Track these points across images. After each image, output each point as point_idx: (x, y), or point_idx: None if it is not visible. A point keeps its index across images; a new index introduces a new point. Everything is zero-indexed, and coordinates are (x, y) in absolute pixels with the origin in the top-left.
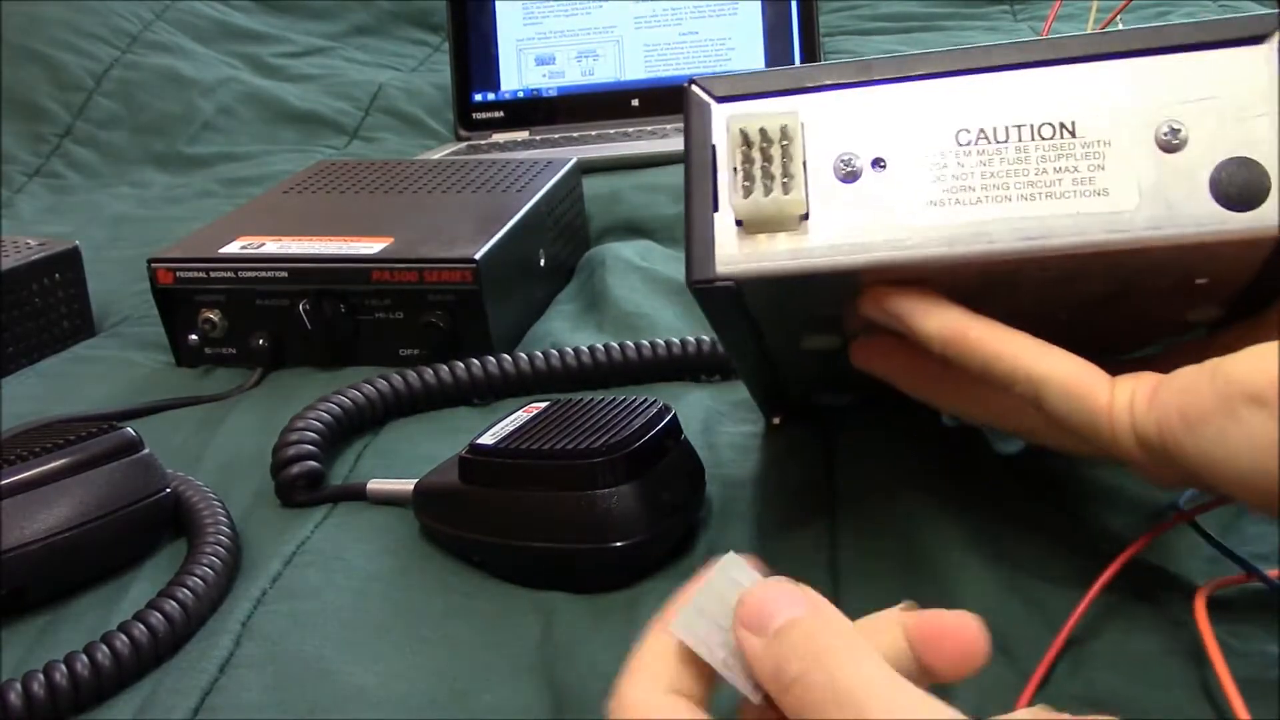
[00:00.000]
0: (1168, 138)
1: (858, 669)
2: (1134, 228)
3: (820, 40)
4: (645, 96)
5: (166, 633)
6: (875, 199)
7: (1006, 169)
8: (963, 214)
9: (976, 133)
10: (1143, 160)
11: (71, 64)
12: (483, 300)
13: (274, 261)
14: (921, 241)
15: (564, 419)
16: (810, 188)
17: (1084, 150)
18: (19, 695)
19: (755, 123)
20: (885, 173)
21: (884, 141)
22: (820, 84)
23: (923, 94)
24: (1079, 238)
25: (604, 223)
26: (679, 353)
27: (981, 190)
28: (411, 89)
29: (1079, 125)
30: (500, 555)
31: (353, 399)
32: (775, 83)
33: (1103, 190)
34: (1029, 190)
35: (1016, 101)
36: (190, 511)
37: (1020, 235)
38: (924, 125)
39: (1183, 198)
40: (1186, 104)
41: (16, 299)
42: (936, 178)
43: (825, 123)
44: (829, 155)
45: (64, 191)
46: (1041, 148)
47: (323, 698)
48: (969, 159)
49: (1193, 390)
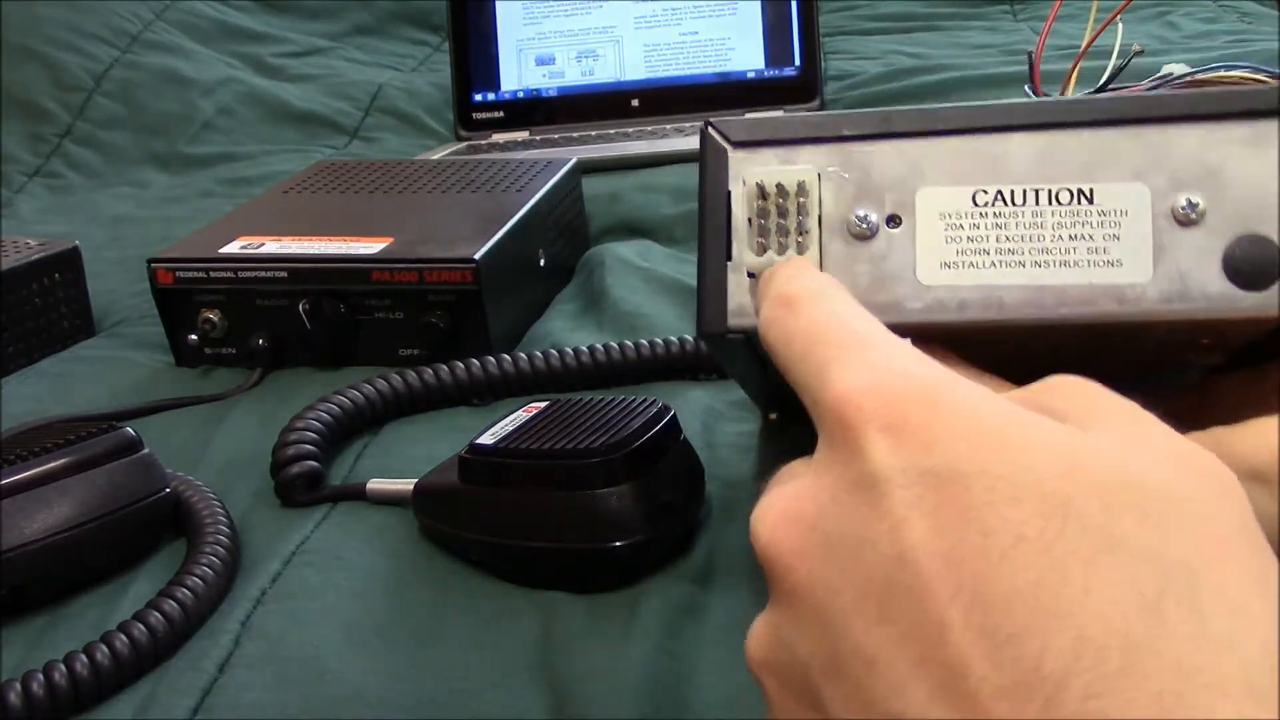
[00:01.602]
0: (1185, 211)
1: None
2: (1145, 301)
3: (820, 40)
4: (645, 96)
5: (166, 633)
6: (888, 258)
7: (1022, 233)
8: (975, 277)
9: (994, 194)
10: (1158, 233)
11: (71, 64)
12: (482, 300)
13: (274, 261)
14: (932, 304)
15: (564, 419)
16: (824, 243)
17: (1100, 219)
18: (19, 695)
19: (773, 178)
20: (899, 231)
21: (900, 199)
22: (838, 134)
23: (941, 150)
24: (1090, 309)
25: (604, 223)
26: (679, 352)
27: (995, 254)
28: (411, 89)
29: (1097, 193)
30: (500, 555)
31: (352, 399)
32: (793, 130)
33: (1116, 261)
34: (1043, 257)
35: (1036, 164)
36: (190, 511)
37: (1031, 304)
38: (941, 184)
39: (1195, 273)
40: (1205, 176)
41: (16, 299)
42: (950, 239)
43: (842, 176)
44: (844, 211)
45: (64, 191)
46: (1058, 213)
47: (322, 698)
48: (984, 221)
49: None
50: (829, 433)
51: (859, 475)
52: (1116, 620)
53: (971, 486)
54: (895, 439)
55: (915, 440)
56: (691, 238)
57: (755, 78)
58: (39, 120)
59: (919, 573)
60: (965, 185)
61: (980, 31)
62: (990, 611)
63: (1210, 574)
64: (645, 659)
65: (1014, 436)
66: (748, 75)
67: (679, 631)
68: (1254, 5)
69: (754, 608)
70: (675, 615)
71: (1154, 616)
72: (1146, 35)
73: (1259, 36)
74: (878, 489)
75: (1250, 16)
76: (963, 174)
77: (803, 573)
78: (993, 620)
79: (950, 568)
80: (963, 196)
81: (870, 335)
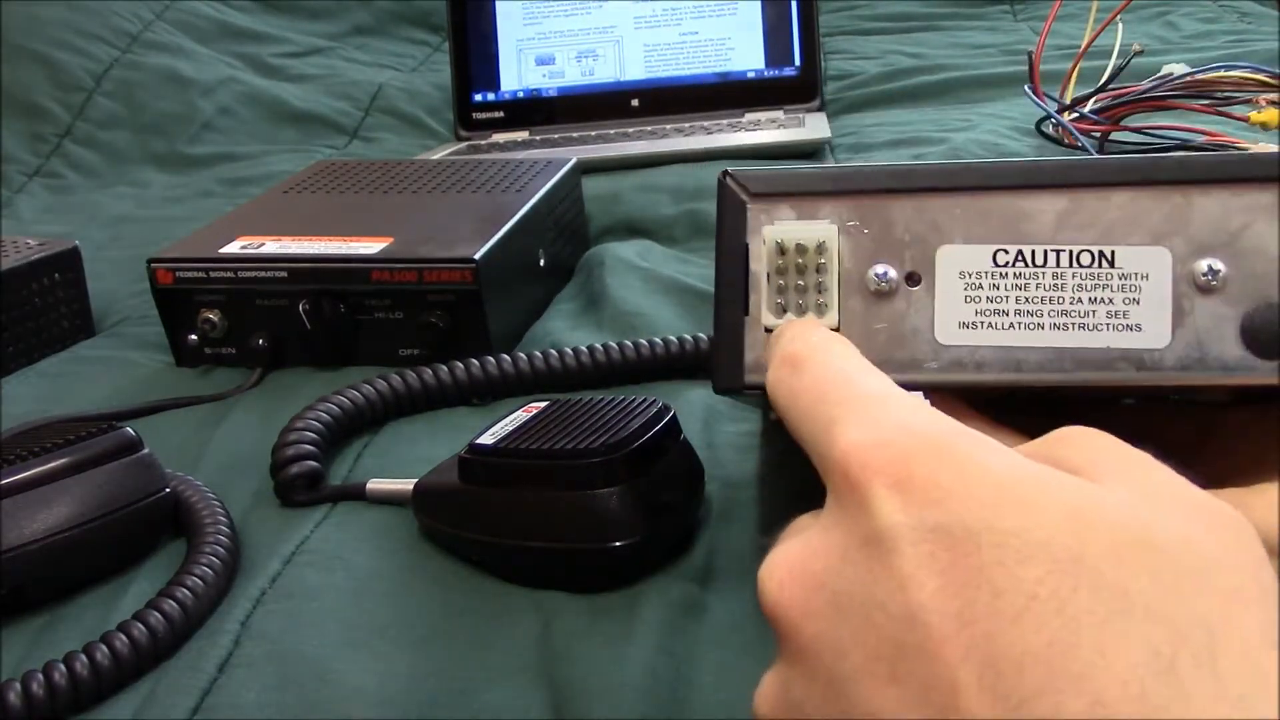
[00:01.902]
0: (1206, 278)
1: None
2: (1163, 368)
3: (820, 41)
4: (645, 96)
5: (166, 633)
6: (907, 316)
7: (1042, 295)
8: (994, 338)
9: (1014, 254)
10: (1178, 297)
11: (71, 64)
12: (482, 300)
13: (274, 261)
14: (949, 364)
15: (564, 419)
16: (843, 300)
17: (1121, 282)
18: (18, 695)
19: (792, 236)
20: (919, 289)
21: (919, 256)
22: (858, 189)
23: (962, 208)
24: (1108, 374)
25: (604, 223)
26: (678, 352)
27: (1015, 315)
28: (411, 89)
29: (1119, 255)
30: (500, 555)
31: (352, 399)
32: (812, 183)
33: (1135, 325)
34: (1062, 319)
35: (1058, 224)
36: (190, 511)
37: (1049, 367)
38: (962, 242)
39: (1214, 340)
40: (1227, 241)
41: (16, 299)
42: (970, 298)
43: (861, 231)
44: (863, 268)
45: (64, 191)
46: (1079, 275)
47: (322, 698)
48: (1004, 281)
49: None
50: (836, 489)
51: (867, 533)
52: (1132, 683)
53: (981, 544)
54: (903, 495)
55: (923, 497)
56: (691, 237)
57: (755, 78)
58: (39, 120)
59: (929, 633)
60: (986, 244)
61: (980, 31)
62: (1003, 674)
63: (1227, 631)
64: (645, 659)
65: (1024, 492)
66: (748, 75)
67: (679, 631)
68: (1254, 5)
69: (754, 608)
70: (675, 615)
71: (1170, 678)
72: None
73: (1259, 36)
74: (886, 546)
75: (1250, 16)
76: (983, 233)
77: (811, 632)
78: (1006, 683)
79: (961, 628)
80: (983, 256)
81: (876, 391)
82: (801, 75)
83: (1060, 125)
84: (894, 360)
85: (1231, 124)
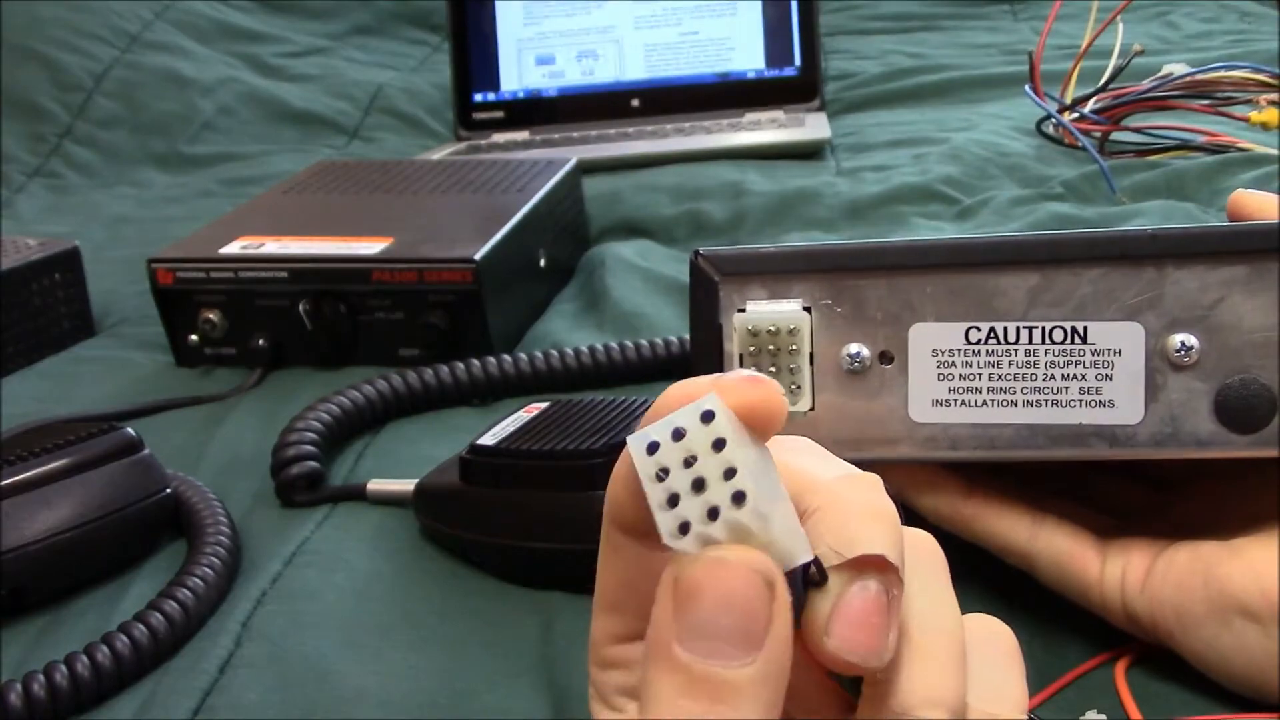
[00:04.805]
0: (1180, 354)
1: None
2: (1136, 442)
3: (820, 41)
4: (645, 96)
5: (166, 633)
6: (880, 395)
7: (1015, 372)
8: (967, 415)
9: (986, 331)
10: (1151, 373)
11: (71, 64)
12: (483, 300)
13: (274, 261)
14: (924, 441)
15: (564, 419)
16: (816, 381)
17: (1094, 358)
18: (19, 695)
19: (764, 320)
20: (891, 367)
21: (892, 334)
22: (831, 267)
23: (934, 285)
24: (1081, 450)
25: (604, 223)
26: (679, 352)
27: (988, 393)
28: (411, 89)
29: (1091, 331)
30: (500, 555)
31: (353, 399)
32: (784, 262)
33: (1109, 402)
34: (1035, 396)
35: (1029, 301)
36: (190, 512)
37: (1023, 443)
38: (934, 319)
39: (1187, 416)
40: (1201, 316)
41: (16, 299)
42: (943, 376)
43: (834, 310)
44: (836, 347)
45: (64, 191)
46: (1051, 352)
47: (323, 698)
48: (977, 358)
49: (1186, 589)
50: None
51: None
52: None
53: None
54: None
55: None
56: (691, 237)
57: (755, 78)
58: (39, 120)
59: None
60: (958, 322)
61: (980, 31)
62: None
63: None
64: None
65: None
66: (748, 75)
67: None
68: (1254, 5)
69: None
70: None
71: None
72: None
73: (1259, 36)
74: None
75: (1250, 16)
76: (955, 310)
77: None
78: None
79: None
80: (955, 333)
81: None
82: (802, 75)
83: (1060, 125)
84: (869, 438)
85: (1232, 124)
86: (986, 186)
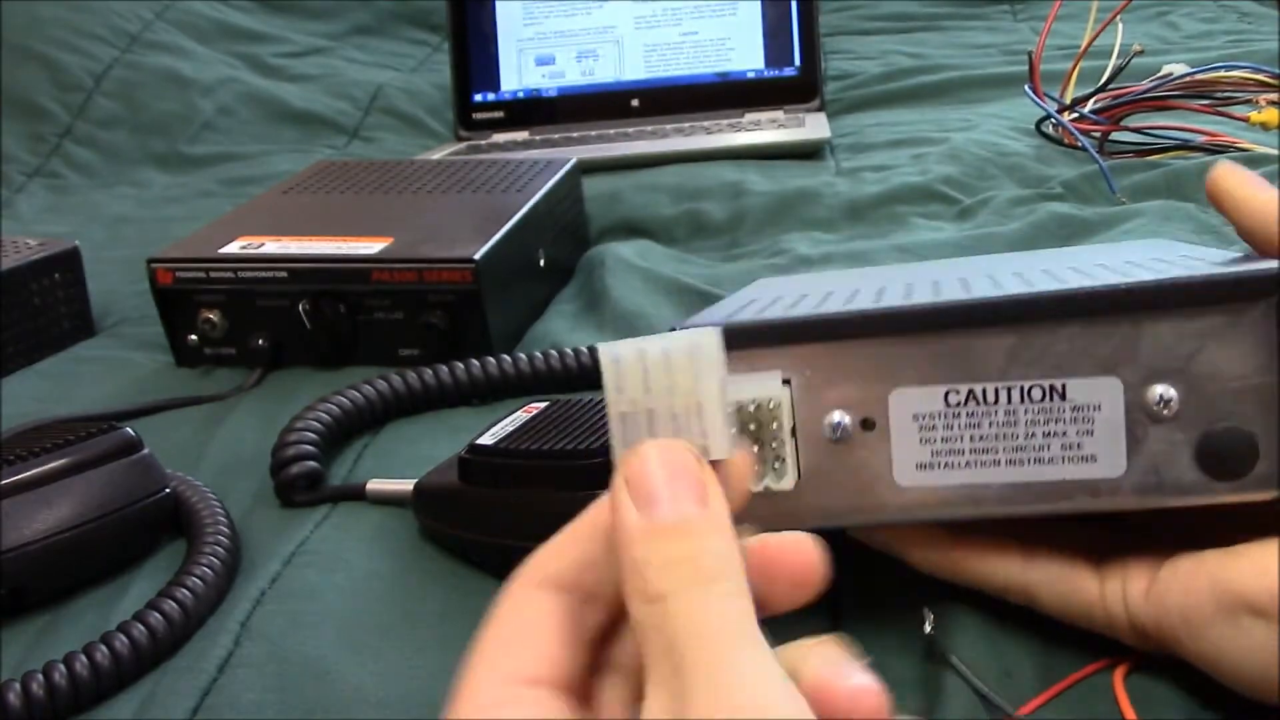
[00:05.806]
0: (1159, 406)
1: (733, 640)
2: (1120, 494)
3: (820, 41)
4: (645, 96)
5: (166, 633)
6: (864, 461)
7: (995, 432)
8: (951, 477)
9: (965, 393)
10: (1132, 425)
11: (71, 64)
12: (482, 300)
13: (274, 261)
14: (911, 504)
15: (564, 419)
16: (800, 450)
17: (1073, 414)
18: (18, 695)
19: (743, 394)
20: (873, 434)
21: (872, 401)
22: (808, 338)
23: (911, 350)
24: (1066, 504)
25: (604, 223)
26: None
27: (970, 454)
28: (411, 89)
29: (1070, 388)
30: (499, 555)
31: (352, 399)
32: (760, 335)
33: (1090, 456)
34: (1017, 455)
35: (1007, 361)
36: (190, 511)
37: (1008, 501)
38: (913, 384)
39: (1169, 465)
40: (1179, 367)
41: (16, 299)
42: (925, 439)
43: (814, 380)
44: (817, 416)
45: (64, 191)
46: (1031, 410)
47: (322, 698)
48: (958, 421)
49: (1192, 593)
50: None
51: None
52: None
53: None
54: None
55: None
56: (691, 237)
57: (755, 78)
58: (39, 120)
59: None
60: (937, 385)
61: (980, 31)
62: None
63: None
64: None
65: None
66: (748, 75)
67: None
68: (1254, 5)
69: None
70: None
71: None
72: (1146, 35)
73: (1259, 36)
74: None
75: (1250, 16)
76: (934, 373)
77: None
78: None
79: None
80: (935, 397)
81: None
82: (801, 75)
83: (1060, 125)
84: (855, 506)
85: (1231, 124)
86: (986, 186)
